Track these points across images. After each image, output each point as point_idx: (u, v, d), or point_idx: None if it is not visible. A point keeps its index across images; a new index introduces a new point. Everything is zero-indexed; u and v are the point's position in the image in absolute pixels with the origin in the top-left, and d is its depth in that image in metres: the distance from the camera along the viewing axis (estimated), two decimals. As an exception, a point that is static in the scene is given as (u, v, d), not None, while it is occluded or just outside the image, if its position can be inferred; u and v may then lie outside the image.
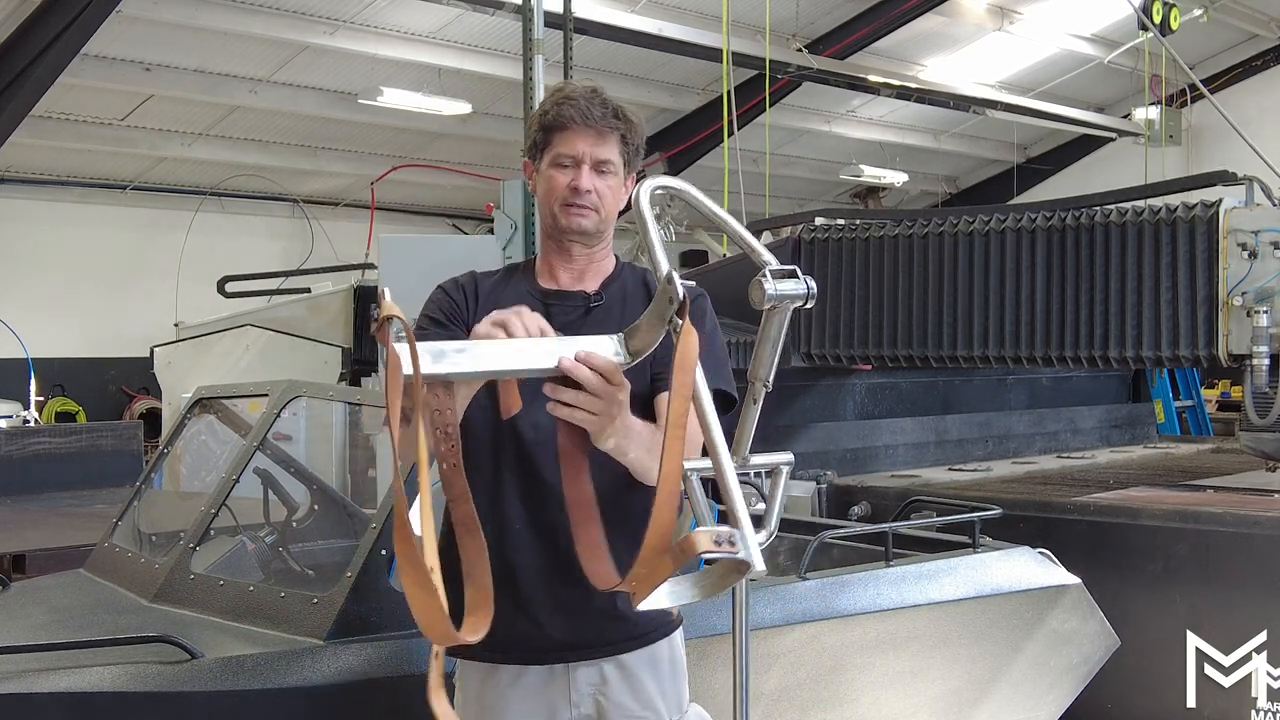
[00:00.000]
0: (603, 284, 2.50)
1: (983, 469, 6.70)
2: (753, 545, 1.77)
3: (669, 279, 1.91)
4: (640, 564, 1.83)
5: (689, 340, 1.88)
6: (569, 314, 2.44)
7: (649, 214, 2.00)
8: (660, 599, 1.85)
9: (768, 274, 1.97)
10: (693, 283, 2.03)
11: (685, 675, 2.56)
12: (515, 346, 2.03)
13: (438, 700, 1.89)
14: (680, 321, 1.90)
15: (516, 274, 2.57)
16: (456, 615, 2.04)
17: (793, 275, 1.99)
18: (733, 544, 1.75)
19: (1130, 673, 4.79)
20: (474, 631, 1.97)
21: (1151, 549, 5.01)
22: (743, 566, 1.78)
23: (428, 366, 1.90)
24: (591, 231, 2.45)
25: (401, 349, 1.86)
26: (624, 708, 2.44)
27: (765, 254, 2.03)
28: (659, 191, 2.08)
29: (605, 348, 2.01)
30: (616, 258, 2.58)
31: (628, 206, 2.27)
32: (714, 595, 1.87)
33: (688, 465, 2.13)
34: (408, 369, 1.86)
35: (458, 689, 2.52)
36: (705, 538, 1.75)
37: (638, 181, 2.31)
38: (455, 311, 2.48)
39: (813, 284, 2.01)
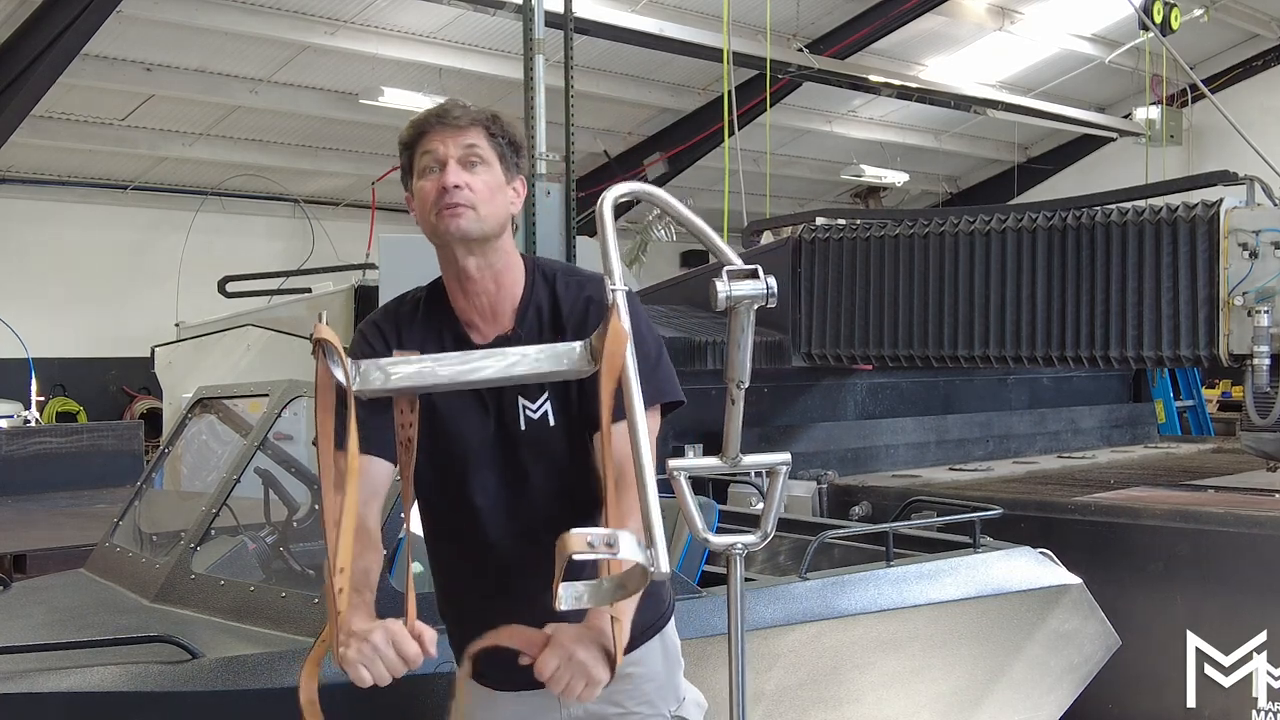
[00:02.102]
0: (517, 315, 2.32)
1: (983, 469, 6.70)
2: (660, 550, 1.76)
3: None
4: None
5: (615, 337, 1.91)
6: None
7: (610, 223, 1.99)
8: (580, 599, 1.85)
9: (724, 274, 1.95)
10: (625, 286, 2.03)
11: (680, 664, 2.53)
12: (463, 357, 2.05)
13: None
14: (606, 319, 1.94)
15: (435, 311, 2.36)
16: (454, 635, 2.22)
17: (753, 275, 1.96)
18: (610, 545, 1.73)
19: (1130, 673, 4.79)
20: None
21: (1152, 549, 5.01)
22: (647, 571, 1.77)
23: (379, 384, 1.98)
24: (474, 234, 2.23)
25: (338, 370, 1.92)
26: (618, 705, 2.40)
27: (729, 254, 2.02)
28: (623, 198, 2.06)
29: (571, 354, 2.02)
30: (524, 259, 2.37)
31: (593, 211, 2.13)
32: (628, 597, 1.86)
33: (673, 464, 2.14)
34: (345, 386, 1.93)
35: (457, 686, 2.53)
36: (579, 539, 1.73)
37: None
38: None
39: (773, 283, 1.96)
